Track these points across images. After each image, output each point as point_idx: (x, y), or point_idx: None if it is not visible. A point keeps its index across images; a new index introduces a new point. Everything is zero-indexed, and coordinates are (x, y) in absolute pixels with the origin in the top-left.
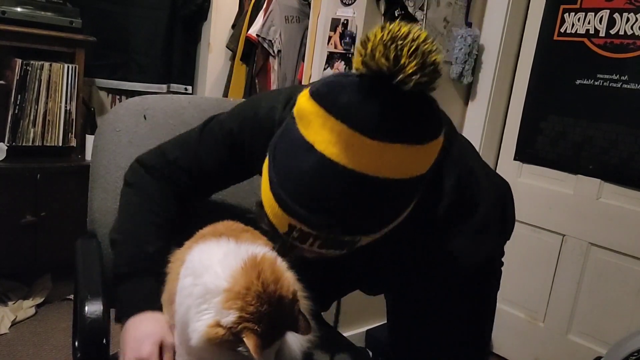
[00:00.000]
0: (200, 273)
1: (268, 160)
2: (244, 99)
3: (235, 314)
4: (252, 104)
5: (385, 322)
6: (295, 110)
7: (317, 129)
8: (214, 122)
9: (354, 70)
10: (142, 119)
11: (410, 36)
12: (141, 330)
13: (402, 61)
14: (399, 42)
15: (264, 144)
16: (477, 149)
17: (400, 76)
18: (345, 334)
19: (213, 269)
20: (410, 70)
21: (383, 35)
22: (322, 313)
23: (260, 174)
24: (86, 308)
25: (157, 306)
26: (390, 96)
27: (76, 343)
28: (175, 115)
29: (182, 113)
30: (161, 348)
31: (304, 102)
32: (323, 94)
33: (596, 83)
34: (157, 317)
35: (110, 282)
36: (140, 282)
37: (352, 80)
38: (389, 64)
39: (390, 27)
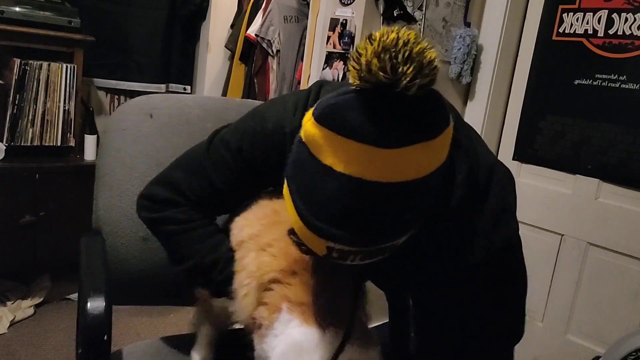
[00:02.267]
0: None
1: (289, 190)
2: (250, 100)
3: None
4: (258, 118)
5: (386, 321)
6: (303, 136)
7: (332, 151)
8: (217, 140)
9: (350, 86)
10: (147, 118)
11: (401, 41)
12: None
13: (400, 69)
14: (392, 51)
15: (276, 159)
16: None
17: (402, 84)
18: None
19: None
20: (410, 76)
21: (374, 47)
22: None
23: (273, 185)
24: (88, 304)
25: None
26: (396, 104)
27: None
28: (180, 114)
29: (188, 112)
30: None
31: (310, 128)
32: (328, 117)
33: (595, 83)
34: None
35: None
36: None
37: (354, 97)
38: (387, 76)
39: (379, 36)
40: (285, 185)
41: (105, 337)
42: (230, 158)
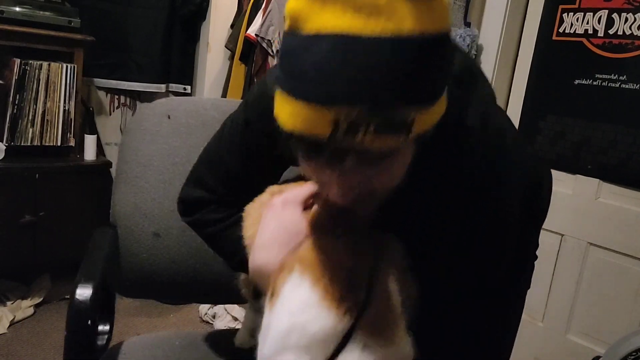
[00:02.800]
0: None
1: (277, 90)
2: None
3: None
4: (260, 85)
5: None
6: (288, 16)
7: (317, 14)
8: (228, 122)
9: None
10: (165, 119)
11: None
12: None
13: None
14: None
15: None
16: None
17: None
18: None
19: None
20: None
21: None
22: None
23: (289, 163)
24: (77, 290)
25: None
26: None
27: None
28: (196, 116)
29: (204, 114)
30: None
31: (294, 4)
32: None
33: (595, 83)
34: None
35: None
36: None
37: None
38: None
39: None
40: (276, 94)
41: (90, 322)
42: (239, 135)
